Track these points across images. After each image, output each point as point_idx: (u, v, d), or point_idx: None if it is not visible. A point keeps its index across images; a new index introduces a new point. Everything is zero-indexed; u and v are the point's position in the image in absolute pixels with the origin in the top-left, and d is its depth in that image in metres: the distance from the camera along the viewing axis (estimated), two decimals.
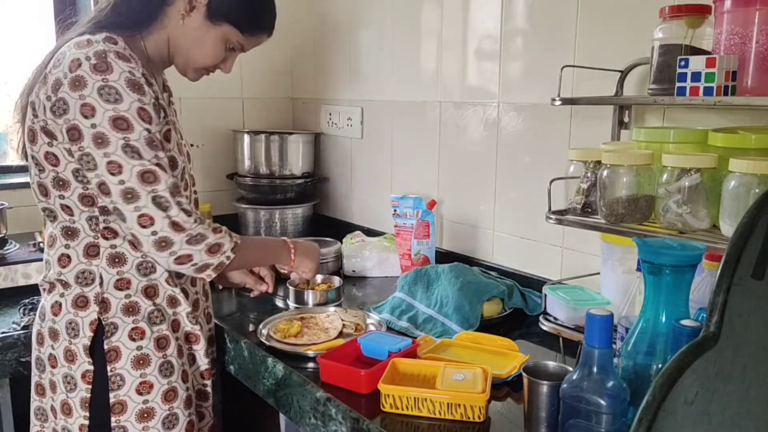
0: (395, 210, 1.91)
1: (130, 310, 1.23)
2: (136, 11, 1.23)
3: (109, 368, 1.20)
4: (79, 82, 1.11)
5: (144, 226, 1.16)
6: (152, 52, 1.27)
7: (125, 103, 1.13)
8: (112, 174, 1.14)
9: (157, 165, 1.16)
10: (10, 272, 1.81)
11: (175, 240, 1.17)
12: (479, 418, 1.07)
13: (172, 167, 1.22)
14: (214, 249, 1.21)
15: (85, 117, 1.12)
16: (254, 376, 1.39)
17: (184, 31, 1.25)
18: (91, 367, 1.20)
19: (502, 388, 1.20)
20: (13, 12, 2.39)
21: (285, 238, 1.47)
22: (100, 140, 1.13)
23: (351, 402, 1.14)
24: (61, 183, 1.20)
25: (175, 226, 1.16)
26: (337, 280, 1.76)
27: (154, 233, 1.16)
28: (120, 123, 1.13)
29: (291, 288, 1.70)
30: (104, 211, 1.20)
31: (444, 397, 1.08)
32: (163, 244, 1.17)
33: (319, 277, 1.80)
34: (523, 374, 1.02)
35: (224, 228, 1.25)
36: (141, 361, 1.22)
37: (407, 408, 1.10)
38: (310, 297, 1.68)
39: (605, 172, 1.23)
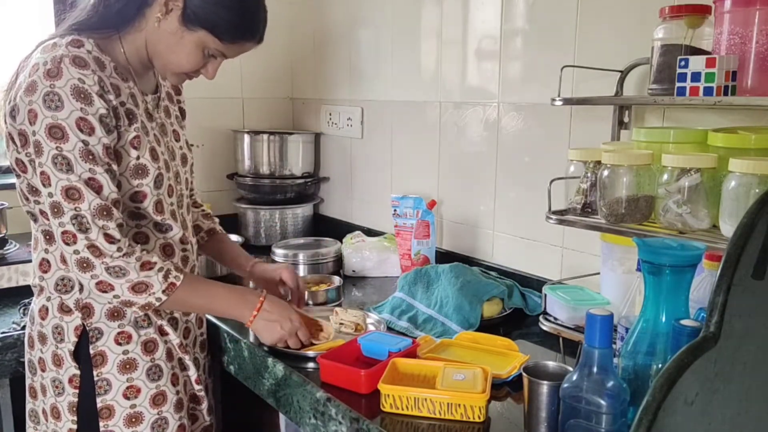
0: (395, 210, 1.91)
1: (115, 314, 1.22)
2: (113, 12, 1.19)
3: (95, 373, 1.20)
4: (31, 87, 1.10)
5: (67, 243, 1.12)
6: (130, 54, 1.23)
7: (65, 111, 1.09)
8: (43, 185, 1.12)
9: (88, 180, 1.11)
10: (10, 272, 1.81)
11: (95, 263, 1.12)
12: (479, 418, 1.07)
13: (140, 175, 1.19)
14: (138, 288, 1.15)
15: (30, 123, 1.10)
16: (254, 376, 1.38)
17: (160, 35, 1.20)
18: (78, 372, 1.20)
19: (502, 388, 1.20)
20: (12, 12, 2.38)
21: (262, 293, 1.31)
22: (37, 148, 1.11)
23: (351, 402, 1.14)
24: (33, 189, 1.19)
25: (94, 249, 1.11)
26: (337, 280, 1.76)
27: (76, 252, 1.12)
28: (55, 132, 1.09)
29: None
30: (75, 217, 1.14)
31: (444, 397, 1.08)
32: (84, 265, 1.12)
33: (317, 276, 1.80)
34: (523, 374, 1.02)
35: (160, 265, 1.17)
36: (128, 366, 1.22)
37: (407, 408, 1.10)
38: (310, 297, 1.68)
39: (605, 172, 1.23)
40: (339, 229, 2.29)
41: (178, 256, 1.31)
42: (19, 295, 1.74)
